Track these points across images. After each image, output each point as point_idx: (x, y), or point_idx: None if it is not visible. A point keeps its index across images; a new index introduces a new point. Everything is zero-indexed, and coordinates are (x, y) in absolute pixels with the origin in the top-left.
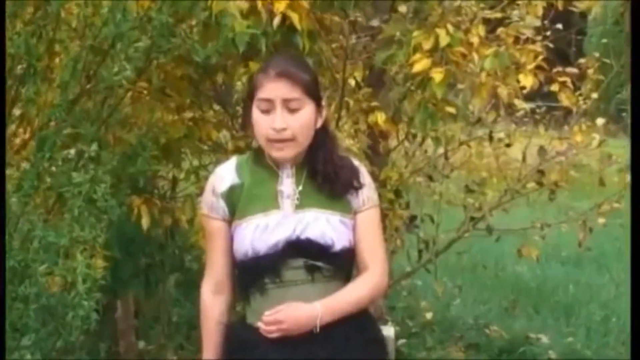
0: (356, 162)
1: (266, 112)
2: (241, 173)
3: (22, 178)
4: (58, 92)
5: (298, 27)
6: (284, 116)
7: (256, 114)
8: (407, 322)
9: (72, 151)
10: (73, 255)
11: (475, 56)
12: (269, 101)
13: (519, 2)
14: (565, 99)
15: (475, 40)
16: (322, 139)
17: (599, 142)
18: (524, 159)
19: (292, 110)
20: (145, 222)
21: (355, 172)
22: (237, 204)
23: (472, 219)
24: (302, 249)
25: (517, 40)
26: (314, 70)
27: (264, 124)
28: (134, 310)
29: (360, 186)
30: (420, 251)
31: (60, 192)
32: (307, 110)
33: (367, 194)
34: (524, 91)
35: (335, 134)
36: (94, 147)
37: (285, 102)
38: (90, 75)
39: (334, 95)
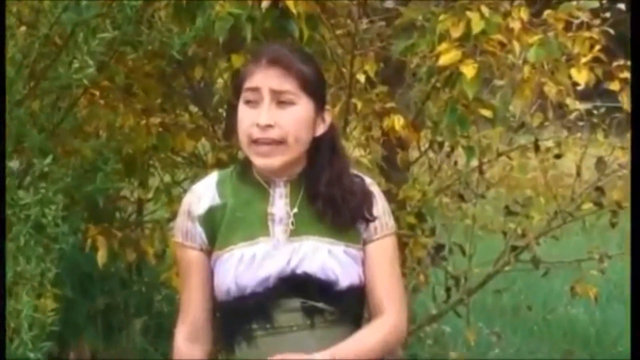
0: (369, 183)
1: (252, 104)
2: (223, 192)
3: None
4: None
5: (293, 10)
6: (271, 111)
7: (241, 109)
8: None
9: (15, 163)
10: (17, 295)
11: (517, 45)
12: (256, 91)
13: None
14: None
15: (516, 25)
16: (325, 150)
17: None
18: (578, 173)
19: (283, 105)
20: (101, 257)
21: (367, 200)
22: (217, 229)
23: (514, 248)
24: (298, 287)
25: (569, 25)
26: (318, 64)
27: (247, 120)
28: None
29: (372, 218)
30: (448, 289)
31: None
32: (303, 108)
33: (381, 220)
34: (578, 89)
35: (342, 144)
36: (48, 160)
37: (275, 94)
38: (41, 71)
39: (340, 94)
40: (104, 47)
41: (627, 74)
